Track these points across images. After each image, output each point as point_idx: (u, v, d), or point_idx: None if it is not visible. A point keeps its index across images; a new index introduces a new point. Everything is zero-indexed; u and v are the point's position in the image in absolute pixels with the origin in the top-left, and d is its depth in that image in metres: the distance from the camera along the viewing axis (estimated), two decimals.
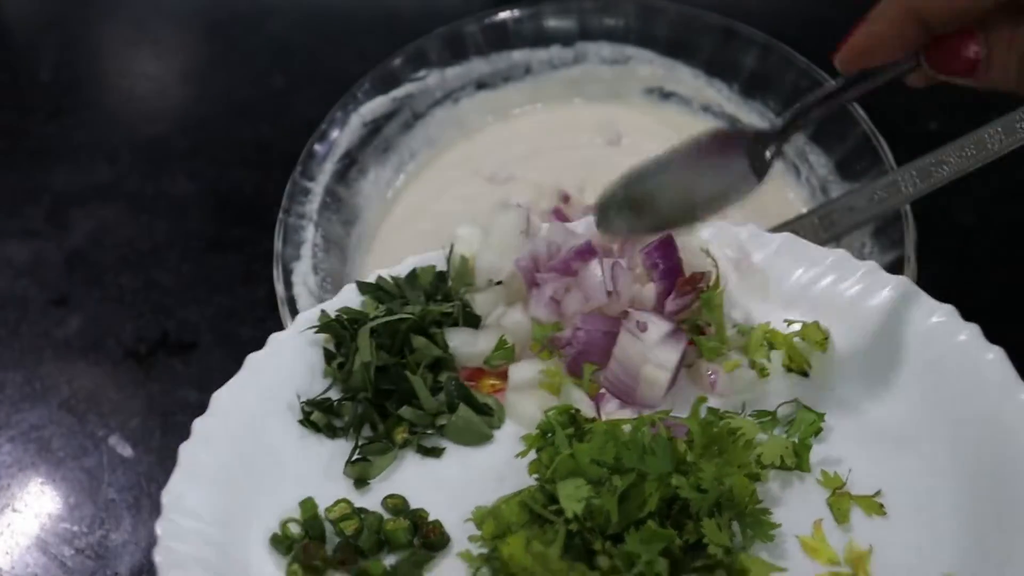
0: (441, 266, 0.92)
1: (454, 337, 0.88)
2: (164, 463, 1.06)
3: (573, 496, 0.73)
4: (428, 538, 0.79)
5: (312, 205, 1.09)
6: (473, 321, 0.90)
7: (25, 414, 1.10)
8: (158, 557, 0.75)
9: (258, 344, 1.11)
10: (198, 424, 0.82)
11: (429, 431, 0.85)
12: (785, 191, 1.12)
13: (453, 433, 0.85)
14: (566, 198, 1.11)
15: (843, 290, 0.87)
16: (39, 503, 1.05)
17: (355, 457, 0.84)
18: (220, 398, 0.84)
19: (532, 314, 0.88)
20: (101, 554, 1.01)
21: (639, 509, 0.73)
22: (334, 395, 0.86)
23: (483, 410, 0.86)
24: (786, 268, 0.89)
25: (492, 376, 0.88)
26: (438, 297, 0.91)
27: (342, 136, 1.13)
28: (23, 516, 1.04)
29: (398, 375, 0.85)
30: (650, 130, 1.19)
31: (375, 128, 1.15)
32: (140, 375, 1.11)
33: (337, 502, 0.81)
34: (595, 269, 0.87)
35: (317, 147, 1.11)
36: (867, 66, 0.81)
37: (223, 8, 1.40)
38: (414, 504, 0.82)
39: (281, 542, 0.79)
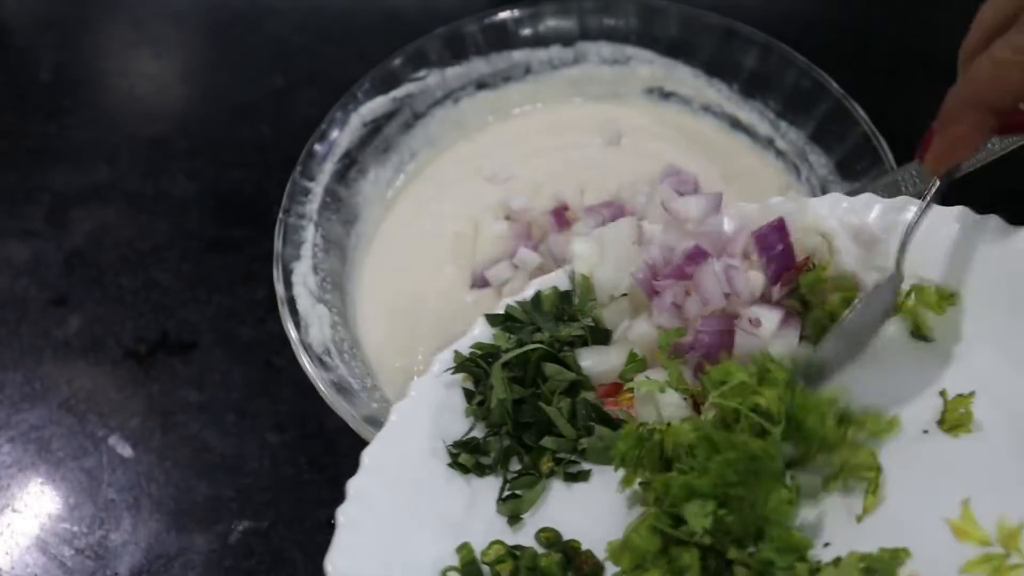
0: (563, 286, 0.92)
1: (586, 357, 0.88)
2: (164, 463, 1.06)
3: (699, 513, 0.73)
4: (582, 570, 0.78)
5: (312, 205, 1.09)
6: (604, 337, 0.89)
7: (25, 414, 1.10)
8: None
9: (258, 344, 1.12)
10: (352, 485, 0.81)
11: (572, 457, 0.85)
12: (785, 191, 1.12)
13: (593, 455, 0.84)
14: (566, 207, 1.10)
15: (973, 244, 0.84)
16: (39, 503, 1.05)
17: (505, 494, 0.83)
18: (371, 454, 0.83)
19: (656, 322, 0.87)
20: (101, 554, 1.01)
21: (764, 506, 0.73)
22: (478, 433, 0.86)
23: (619, 426, 0.85)
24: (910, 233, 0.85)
25: (629, 389, 0.87)
26: (565, 318, 0.90)
27: (342, 136, 1.13)
28: (23, 516, 1.04)
29: (534, 407, 0.85)
30: (650, 130, 1.19)
31: (375, 128, 1.15)
32: (140, 375, 1.11)
33: (491, 544, 0.80)
34: (709, 272, 0.85)
35: (317, 147, 1.11)
36: (956, 163, 0.83)
37: (223, 8, 1.39)
38: (566, 534, 0.81)
39: None
